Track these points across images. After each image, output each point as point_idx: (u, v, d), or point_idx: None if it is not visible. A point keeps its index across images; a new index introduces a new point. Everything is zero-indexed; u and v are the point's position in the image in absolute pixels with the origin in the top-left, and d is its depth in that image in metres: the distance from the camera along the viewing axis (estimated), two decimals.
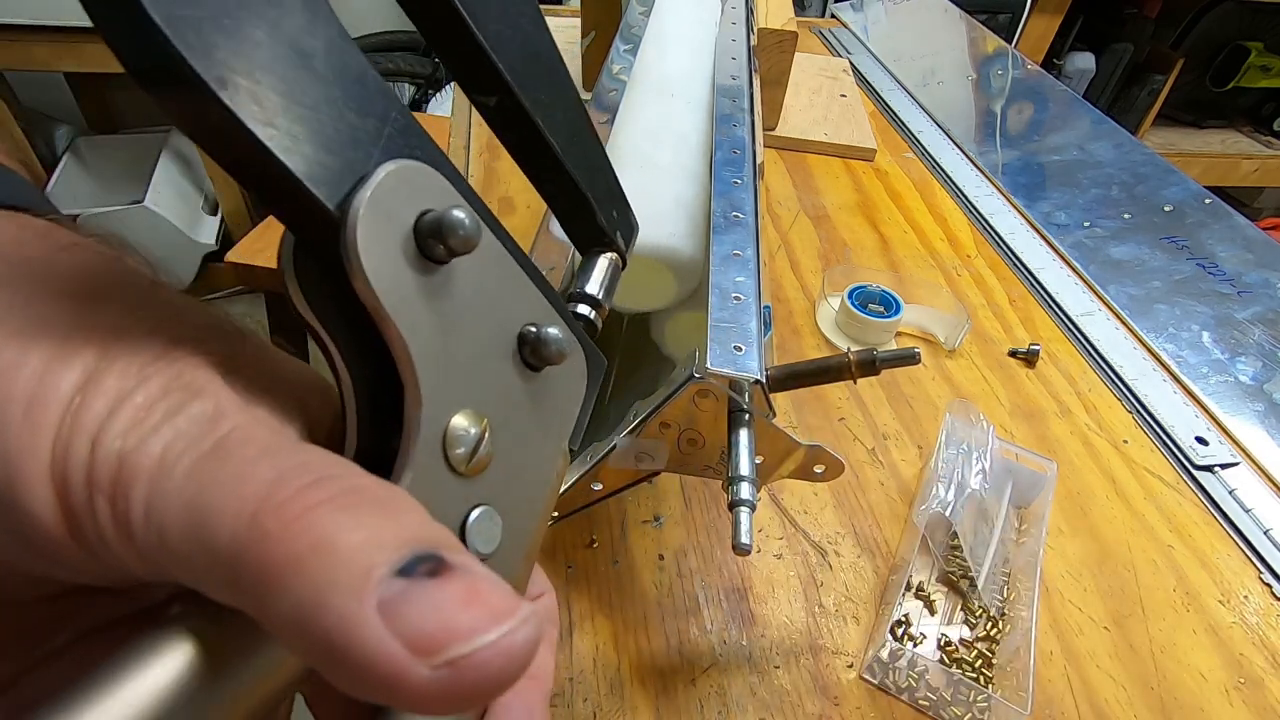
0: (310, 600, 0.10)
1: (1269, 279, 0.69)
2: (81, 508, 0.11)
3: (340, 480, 0.12)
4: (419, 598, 0.10)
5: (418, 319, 0.15)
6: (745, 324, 0.30)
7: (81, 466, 0.11)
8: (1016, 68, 1.09)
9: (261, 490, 0.11)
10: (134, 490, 0.11)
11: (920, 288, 0.62)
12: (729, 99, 0.46)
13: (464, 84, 0.19)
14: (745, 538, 0.26)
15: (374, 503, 0.11)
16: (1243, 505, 0.48)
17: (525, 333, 0.18)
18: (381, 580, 0.10)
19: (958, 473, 0.43)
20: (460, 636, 0.10)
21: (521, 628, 0.11)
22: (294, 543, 0.10)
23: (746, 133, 0.43)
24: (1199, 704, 0.38)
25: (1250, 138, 2.16)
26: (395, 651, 0.10)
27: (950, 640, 0.39)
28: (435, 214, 0.14)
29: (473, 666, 0.10)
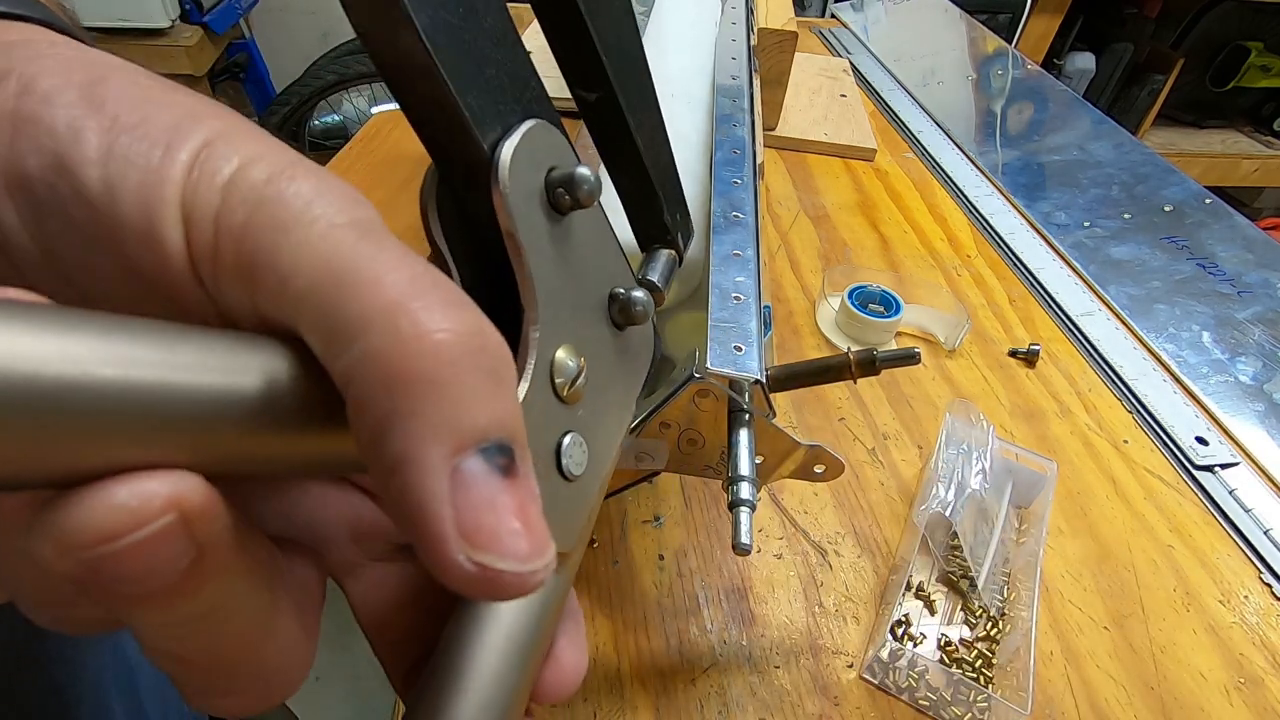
0: (408, 419, 0.11)
1: (1269, 279, 0.69)
2: (204, 244, 0.12)
3: (475, 325, 0.12)
4: (485, 488, 0.11)
5: (542, 253, 0.17)
6: (745, 324, 0.30)
7: (210, 206, 0.12)
8: (1016, 68, 1.09)
9: (403, 283, 0.11)
10: (263, 240, 0.12)
11: (920, 288, 0.62)
12: (729, 99, 0.46)
13: (571, 79, 0.22)
14: (745, 538, 0.26)
15: (490, 370, 0.12)
16: (1243, 505, 0.48)
17: (615, 293, 0.20)
18: (467, 451, 0.11)
19: (958, 473, 0.43)
20: (501, 550, 0.11)
21: (544, 572, 0.12)
22: (420, 356, 0.11)
23: (746, 133, 0.43)
24: (1199, 704, 0.38)
25: (1250, 138, 2.16)
26: (445, 522, 0.11)
27: (950, 640, 0.39)
28: (566, 169, 0.17)
29: (497, 579, 0.11)
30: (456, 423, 0.11)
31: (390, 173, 1.23)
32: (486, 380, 0.12)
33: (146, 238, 0.12)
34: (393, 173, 1.23)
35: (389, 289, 0.11)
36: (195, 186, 0.12)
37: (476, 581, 0.11)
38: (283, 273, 0.12)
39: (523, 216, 0.16)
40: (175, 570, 0.10)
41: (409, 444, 0.11)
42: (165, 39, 1.40)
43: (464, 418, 0.11)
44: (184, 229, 0.12)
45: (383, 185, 1.19)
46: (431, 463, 0.11)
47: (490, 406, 0.11)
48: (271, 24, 1.93)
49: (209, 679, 0.13)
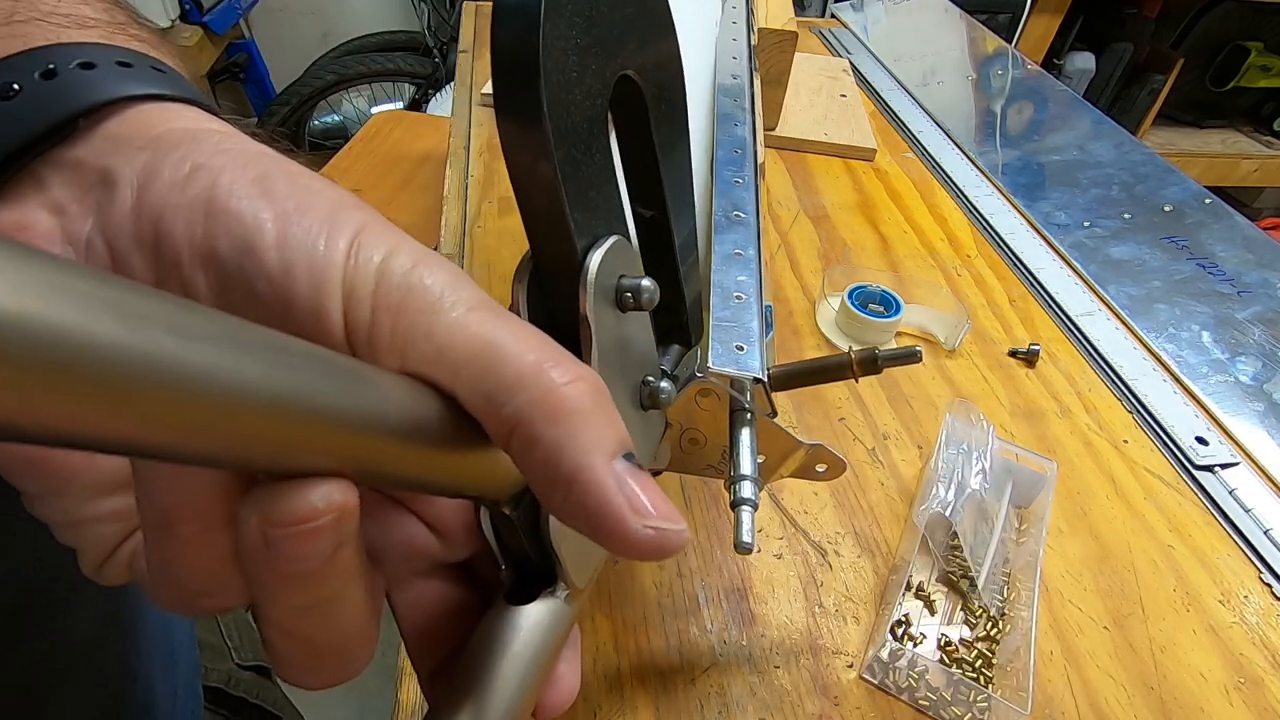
0: (572, 446, 0.14)
1: (1269, 279, 0.69)
2: (361, 319, 0.15)
3: (591, 375, 0.16)
4: (637, 479, 0.15)
5: (604, 340, 0.21)
6: (747, 323, 0.30)
7: (367, 288, 0.15)
8: (1016, 68, 1.09)
9: (539, 351, 0.15)
10: (417, 318, 0.15)
11: (920, 288, 0.62)
12: (730, 98, 0.46)
13: (634, 198, 0.27)
14: (747, 537, 0.26)
15: (609, 404, 0.16)
16: (1243, 505, 0.48)
17: (647, 380, 0.25)
18: (619, 460, 0.15)
19: (958, 473, 0.43)
20: (664, 517, 0.15)
21: (685, 533, 0.15)
22: (568, 400, 0.15)
23: (748, 132, 0.43)
24: (1199, 704, 0.38)
25: (1250, 138, 2.16)
26: (623, 505, 0.14)
27: (950, 640, 0.39)
28: (634, 278, 0.22)
29: (666, 539, 0.15)
30: (606, 439, 0.15)
31: (390, 172, 1.23)
32: (611, 410, 0.16)
33: (314, 311, 0.15)
34: (392, 172, 1.23)
35: (531, 354, 0.15)
36: (354, 272, 0.15)
37: (654, 543, 0.15)
38: (439, 345, 0.15)
39: (596, 309, 0.20)
40: (321, 557, 0.14)
41: (580, 457, 0.14)
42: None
43: (608, 435, 0.15)
44: (344, 305, 0.15)
45: (383, 184, 1.19)
46: (601, 467, 0.14)
47: (619, 426, 0.15)
48: (271, 24, 1.93)
49: (309, 656, 0.16)
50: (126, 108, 0.17)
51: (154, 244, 0.15)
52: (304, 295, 0.15)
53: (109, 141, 0.16)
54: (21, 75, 0.16)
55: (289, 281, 0.15)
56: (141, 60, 0.18)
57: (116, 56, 0.17)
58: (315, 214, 0.15)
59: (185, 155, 0.16)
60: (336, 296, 0.15)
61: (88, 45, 0.17)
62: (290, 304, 0.15)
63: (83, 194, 0.16)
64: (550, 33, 0.18)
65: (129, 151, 0.16)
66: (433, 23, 1.92)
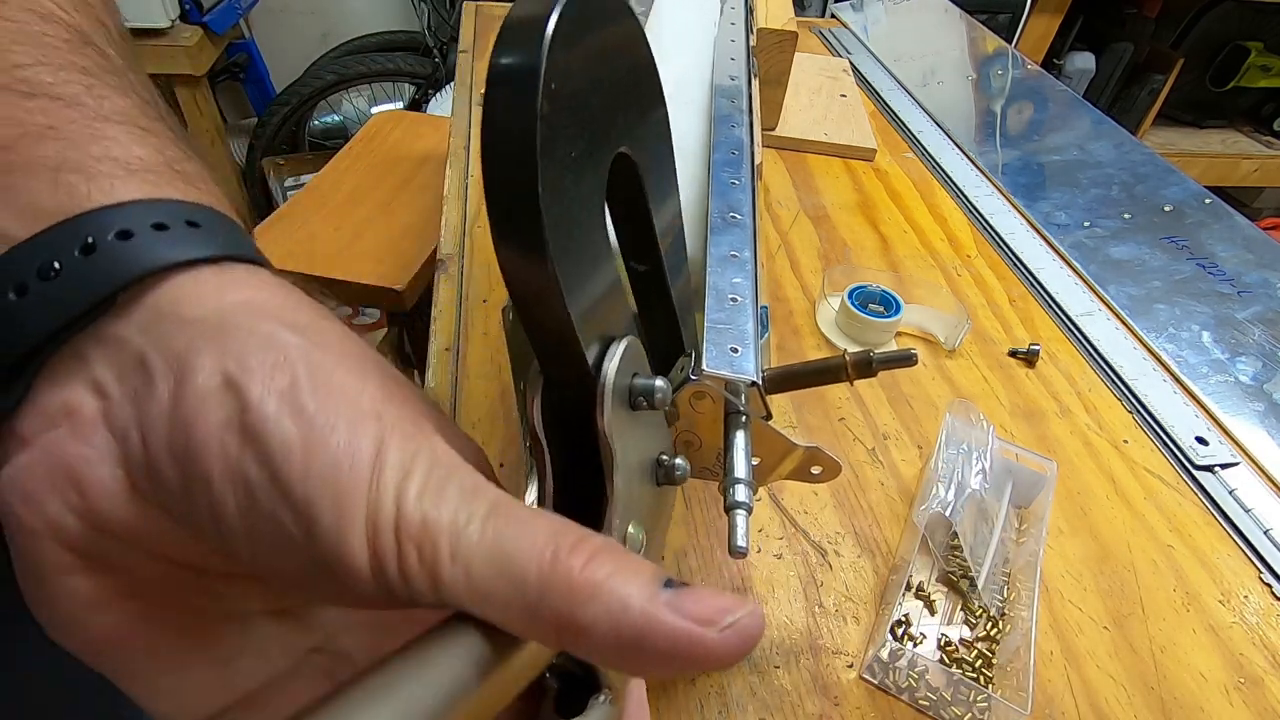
0: (617, 608, 0.15)
1: (1269, 279, 0.69)
2: (388, 549, 0.15)
3: (597, 537, 0.16)
4: (687, 597, 0.15)
5: (623, 445, 0.21)
6: (742, 325, 0.29)
7: (390, 518, 0.15)
8: (1016, 68, 1.09)
9: (550, 541, 0.16)
10: (439, 541, 0.15)
11: (920, 288, 0.62)
12: (727, 99, 0.46)
13: (627, 253, 0.27)
14: (742, 541, 0.26)
15: (624, 552, 0.16)
16: (1243, 505, 0.48)
17: (662, 459, 0.25)
18: (661, 591, 0.15)
19: (958, 473, 0.43)
20: (729, 611, 0.15)
21: (756, 608, 0.15)
22: (593, 574, 0.15)
23: (745, 133, 0.43)
24: (1199, 704, 0.38)
25: (1250, 138, 2.16)
26: (690, 626, 0.15)
27: (950, 640, 0.39)
28: (647, 380, 0.22)
29: (744, 628, 0.15)
30: (643, 587, 0.15)
31: (390, 172, 1.23)
32: (628, 558, 0.16)
33: (337, 545, 0.15)
34: (392, 172, 1.23)
35: (545, 548, 0.15)
36: (376, 505, 0.15)
37: (736, 640, 0.15)
38: (465, 569, 0.15)
39: (613, 421, 0.20)
40: None
41: (635, 617, 0.15)
42: (165, 39, 1.40)
43: (643, 582, 0.15)
44: (368, 537, 0.15)
45: (383, 185, 1.19)
46: (656, 612, 0.15)
47: (643, 566, 0.16)
48: (271, 24, 1.93)
49: None
50: (163, 280, 0.17)
51: (186, 456, 0.16)
52: (328, 529, 0.15)
53: (145, 321, 0.17)
54: (62, 252, 0.17)
55: (314, 514, 0.15)
56: (177, 215, 0.18)
57: (154, 217, 0.18)
58: (340, 433, 0.16)
59: (219, 358, 0.16)
60: (360, 532, 0.15)
61: (126, 206, 0.18)
62: (314, 536, 0.15)
63: (122, 376, 0.17)
64: (547, 167, 0.17)
65: (163, 338, 0.16)
66: (433, 23, 1.92)
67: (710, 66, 0.52)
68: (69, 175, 0.18)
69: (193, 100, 1.50)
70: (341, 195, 1.13)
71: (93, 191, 0.17)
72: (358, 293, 0.99)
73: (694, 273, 0.39)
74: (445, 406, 0.49)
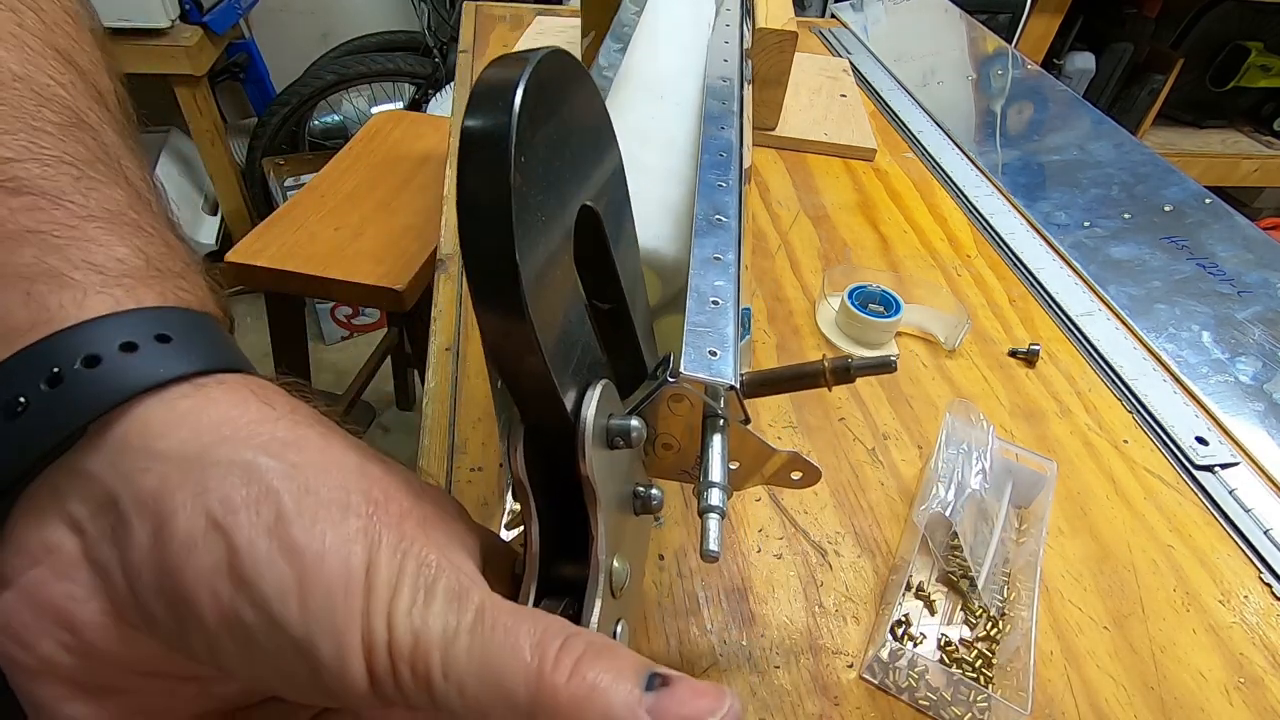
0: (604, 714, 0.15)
1: (1269, 279, 0.69)
2: (383, 669, 0.16)
3: (579, 636, 0.17)
4: (669, 701, 0.16)
5: (606, 490, 0.22)
6: (722, 328, 0.29)
7: (383, 642, 0.16)
8: (1016, 68, 1.09)
9: (535, 651, 0.16)
10: (431, 658, 0.16)
11: (920, 288, 0.62)
12: (718, 100, 0.46)
13: (592, 294, 0.28)
14: (714, 545, 0.26)
15: (607, 649, 0.17)
16: (1243, 505, 0.48)
17: (638, 490, 0.26)
18: (641, 698, 0.16)
19: (958, 473, 0.43)
20: (707, 713, 0.15)
21: (734, 701, 0.16)
22: (577, 688, 0.16)
23: (734, 135, 0.42)
24: (1199, 704, 0.38)
25: (1250, 138, 2.16)
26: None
27: (950, 640, 0.39)
28: (622, 421, 0.23)
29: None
30: (619, 697, 0.16)
31: (390, 172, 1.23)
32: (613, 652, 0.16)
33: (338, 669, 0.16)
34: (392, 172, 1.23)
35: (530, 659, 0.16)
36: (369, 627, 0.16)
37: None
38: (456, 684, 0.16)
39: (595, 464, 0.21)
40: None
41: None
42: (165, 39, 1.40)
43: (618, 691, 0.16)
44: (365, 660, 0.16)
45: (383, 184, 1.19)
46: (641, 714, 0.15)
47: (620, 668, 0.16)
48: (271, 24, 1.93)
49: None
50: (132, 408, 0.17)
51: (176, 600, 0.16)
52: (328, 659, 0.16)
53: (114, 454, 0.17)
54: (27, 385, 0.16)
55: (313, 648, 0.16)
56: (148, 328, 0.18)
57: (123, 335, 0.17)
58: (331, 561, 0.16)
59: (199, 496, 0.16)
60: (358, 656, 0.16)
61: (96, 323, 0.17)
62: (315, 666, 0.16)
63: (96, 513, 0.16)
64: (522, 236, 0.18)
65: (134, 475, 0.16)
66: (433, 23, 1.92)
67: (703, 68, 0.52)
68: (42, 286, 0.17)
69: (193, 100, 1.50)
70: (341, 195, 1.13)
71: (65, 304, 0.17)
72: (358, 293, 0.99)
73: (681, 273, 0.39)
74: (445, 406, 0.49)
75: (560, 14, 1.08)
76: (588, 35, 0.82)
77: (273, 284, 1.02)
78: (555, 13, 1.08)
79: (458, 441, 0.46)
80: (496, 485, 0.44)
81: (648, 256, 0.37)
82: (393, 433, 1.62)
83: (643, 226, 0.38)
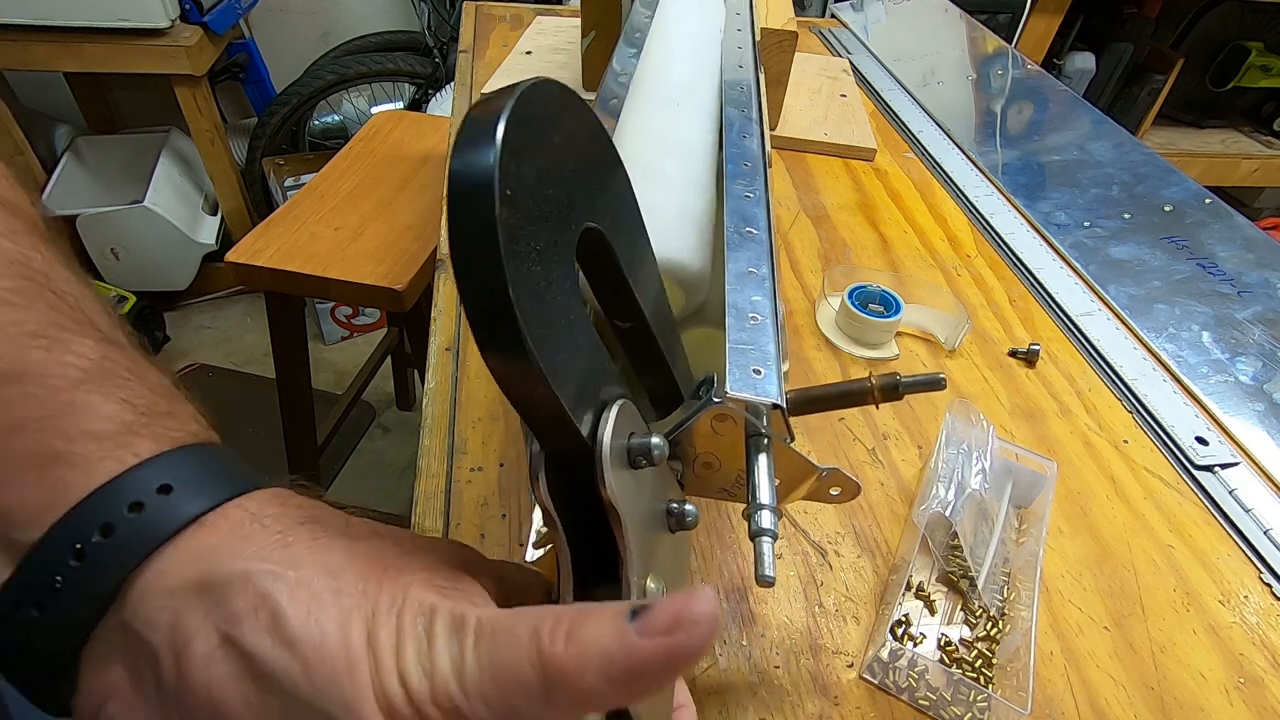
0: (604, 663, 0.17)
1: (1269, 279, 0.69)
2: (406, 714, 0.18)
3: (566, 611, 0.18)
4: (651, 619, 0.17)
5: (631, 510, 0.22)
6: (764, 345, 0.29)
7: (400, 697, 0.17)
8: (1016, 68, 1.09)
9: (532, 640, 0.17)
10: (450, 689, 0.17)
11: (920, 288, 0.62)
12: (737, 109, 0.45)
13: (609, 312, 0.28)
14: (769, 570, 0.25)
15: (592, 611, 0.18)
16: (1243, 505, 0.48)
17: (671, 508, 0.26)
18: (627, 629, 0.17)
19: (958, 473, 0.43)
20: (684, 610, 0.17)
21: (708, 594, 0.17)
22: (575, 650, 0.17)
23: (756, 144, 0.42)
24: (1199, 704, 0.38)
25: (1250, 138, 2.16)
26: (660, 643, 0.17)
27: (950, 640, 0.39)
28: (642, 440, 0.23)
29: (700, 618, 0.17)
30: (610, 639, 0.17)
31: (390, 172, 1.23)
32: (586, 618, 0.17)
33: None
34: (393, 172, 1.23)
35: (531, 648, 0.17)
36: (383, 690, 0.17)
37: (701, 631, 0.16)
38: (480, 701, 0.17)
39: (616, 486, 0.21)
40: None
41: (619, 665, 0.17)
42: (165, 39, 1.40)
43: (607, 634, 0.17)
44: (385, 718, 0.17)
45: (383, 184, 1.19)
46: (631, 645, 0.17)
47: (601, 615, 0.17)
48: (271, 24, 1.93)
49: None
50: (150, 562, 0.19)
51: (215, 713, 0.18)
52: None
53: (140, 604, 0.19)
54: (58, 565, 0.19)
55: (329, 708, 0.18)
56: (149, 483, 0.20)
57: (130, 496, 0.20)
58: (331, 641, 0.18)
59: (207, 617, 0.18)
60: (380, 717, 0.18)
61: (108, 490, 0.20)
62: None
63: (138, 653, 0.19)
64: (515, 270, 0.18)
65: (153, 615, 0.19)
66: (433, 23, 1.92)
67: (717, 72, 0.52)
68: (52, 467, 0.20)
69: (193, 100, 1.50)
70: (341, 195, 1.13)
71: (72, 484, 0.20)
72: (358, 293, 0.99)
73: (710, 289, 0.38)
74: (445, 406, 0.49)
75: (560, 14, 1.08)
76: (588, 35, 0.82)
77: (273, 284, 1.02)
78: (555, 13, 1.08)
79: (458, 441, 0.46)
80: (498, 485, 0.44)
81: (670, 268, 0.37)
82: (393, 433, 1.62)
83: (664, 238, 0.37)
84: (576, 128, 0.23)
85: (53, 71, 1.52)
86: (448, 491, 0.44)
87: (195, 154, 1.73)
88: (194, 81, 1.47)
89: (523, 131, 0.19)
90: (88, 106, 1.78)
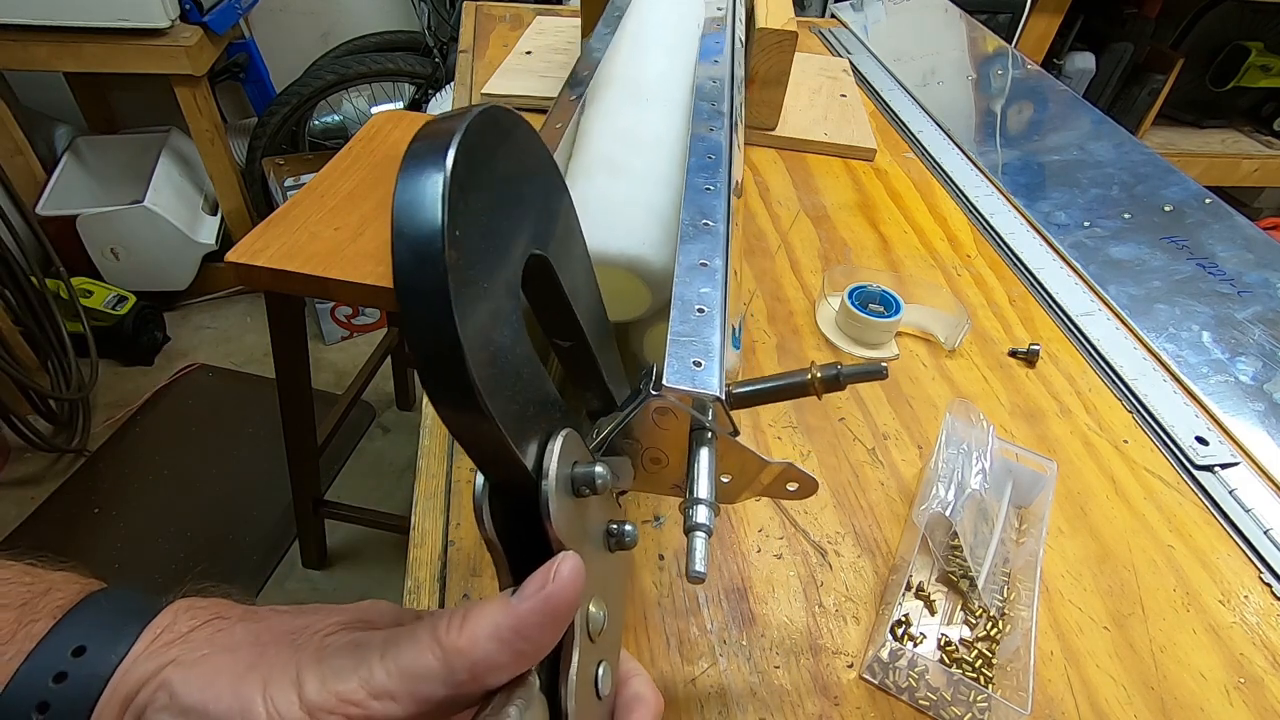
0: (493, 631, 0.20)
1: (1269, 279, 0.69)
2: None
3: (459, 607, 0.21)
4: (524, 587, 0.20)
5: (572, 533, 0.22)
6: (707, 338, 0.28)
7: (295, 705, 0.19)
8: (1016, 68, 1.09)
9: (429, 635, 0.20)
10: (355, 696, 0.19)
11: (920, 288, 0.62)
12: (708, 101, 0.45)
13: (549, 332, 0.28)
14: (700, 566, 0.25)
15: (481, 602, 0.21)
16: (1243, 505, 0.48)
17: (611, 528, 0.26)
18: (510, 598, 0.20)
19: (958, 473, 0.43)
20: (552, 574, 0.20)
21: (568, 556, 0.21)
22: (468, 634, 0.20)
23: (724, 137, 0.41)
24: (1199, 704, 0.38)
25: (1250, 138, 2.16)
26: (533, 602, 0.20)
27: (950, 640, 0.39)
28: (586, 469, 0.23)
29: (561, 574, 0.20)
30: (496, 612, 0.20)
31: (390, 172, 1.23)
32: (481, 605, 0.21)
33: None
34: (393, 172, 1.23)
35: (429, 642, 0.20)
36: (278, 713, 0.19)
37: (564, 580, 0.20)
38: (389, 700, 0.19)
39: (560, 517, 0.22)
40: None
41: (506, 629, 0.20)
42: (165, 39, 1.40)
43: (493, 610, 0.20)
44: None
45: (383, 184, 1.19)
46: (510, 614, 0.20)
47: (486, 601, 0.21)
48: (271, 24, 1.93)
49: None
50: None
51: None
52: None
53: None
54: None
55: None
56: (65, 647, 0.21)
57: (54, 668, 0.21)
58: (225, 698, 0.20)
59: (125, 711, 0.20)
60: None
61: (25, 672, 0.21)
62: None
63: None
64: (464, 317, 0.18)
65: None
66: (433, 23, 1.92)
67: (692, 68, 0.51)
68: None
69: (193, 100, 1.50)
70: (341, 195, 1.13)
71: None
72: (358, 293, 0.99)
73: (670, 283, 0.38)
74: None
75: (560, 14, 1.08)
76: (588, 36, 0.82)
77: (273, 284, 1.02)
78: (555, 13, 1.08)
79: None
80: None
81: (634, 265, 0.36)
82: (393, 433, 1.61)
83: (628, 233, 0.37)
84: (523, 151, 0.23)
85: (53, 71, 1.52)
86: (448, 491, 0.44)
87: (195, 154, 1.72)
88: (194, 81, 1.47)
89: (470, 164, 0.19)
90: (88, 106, 1.78)
